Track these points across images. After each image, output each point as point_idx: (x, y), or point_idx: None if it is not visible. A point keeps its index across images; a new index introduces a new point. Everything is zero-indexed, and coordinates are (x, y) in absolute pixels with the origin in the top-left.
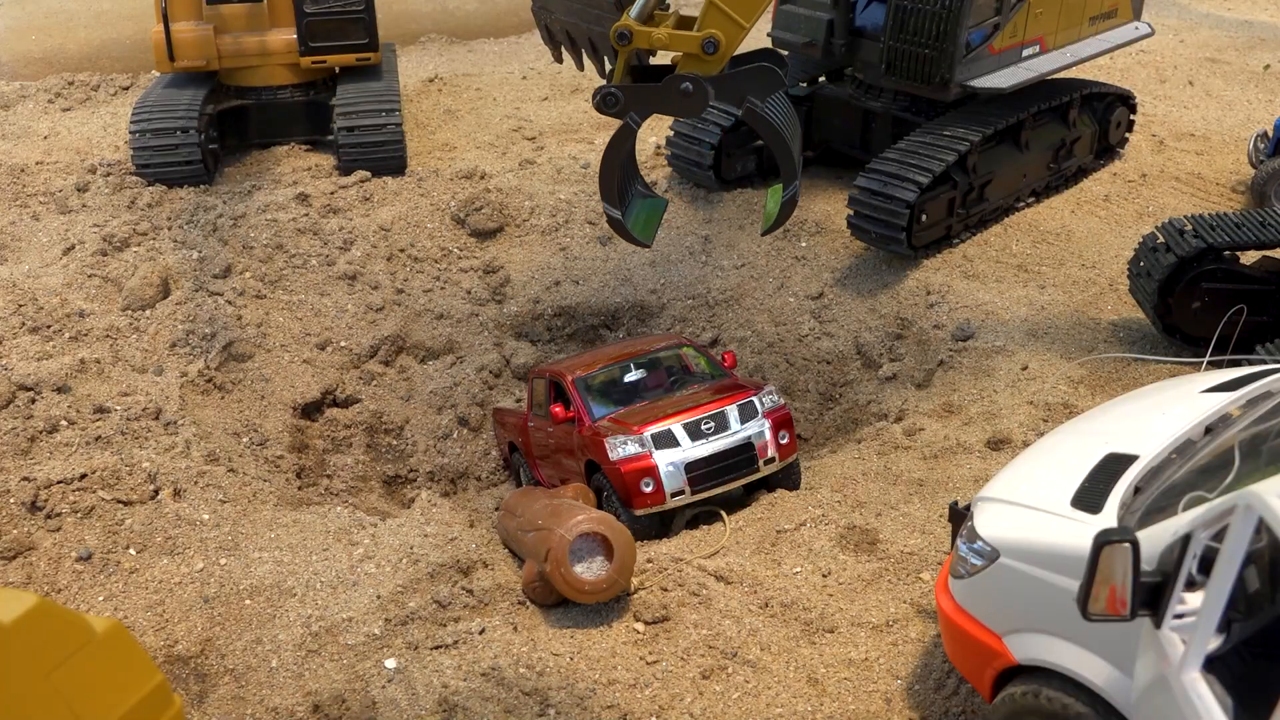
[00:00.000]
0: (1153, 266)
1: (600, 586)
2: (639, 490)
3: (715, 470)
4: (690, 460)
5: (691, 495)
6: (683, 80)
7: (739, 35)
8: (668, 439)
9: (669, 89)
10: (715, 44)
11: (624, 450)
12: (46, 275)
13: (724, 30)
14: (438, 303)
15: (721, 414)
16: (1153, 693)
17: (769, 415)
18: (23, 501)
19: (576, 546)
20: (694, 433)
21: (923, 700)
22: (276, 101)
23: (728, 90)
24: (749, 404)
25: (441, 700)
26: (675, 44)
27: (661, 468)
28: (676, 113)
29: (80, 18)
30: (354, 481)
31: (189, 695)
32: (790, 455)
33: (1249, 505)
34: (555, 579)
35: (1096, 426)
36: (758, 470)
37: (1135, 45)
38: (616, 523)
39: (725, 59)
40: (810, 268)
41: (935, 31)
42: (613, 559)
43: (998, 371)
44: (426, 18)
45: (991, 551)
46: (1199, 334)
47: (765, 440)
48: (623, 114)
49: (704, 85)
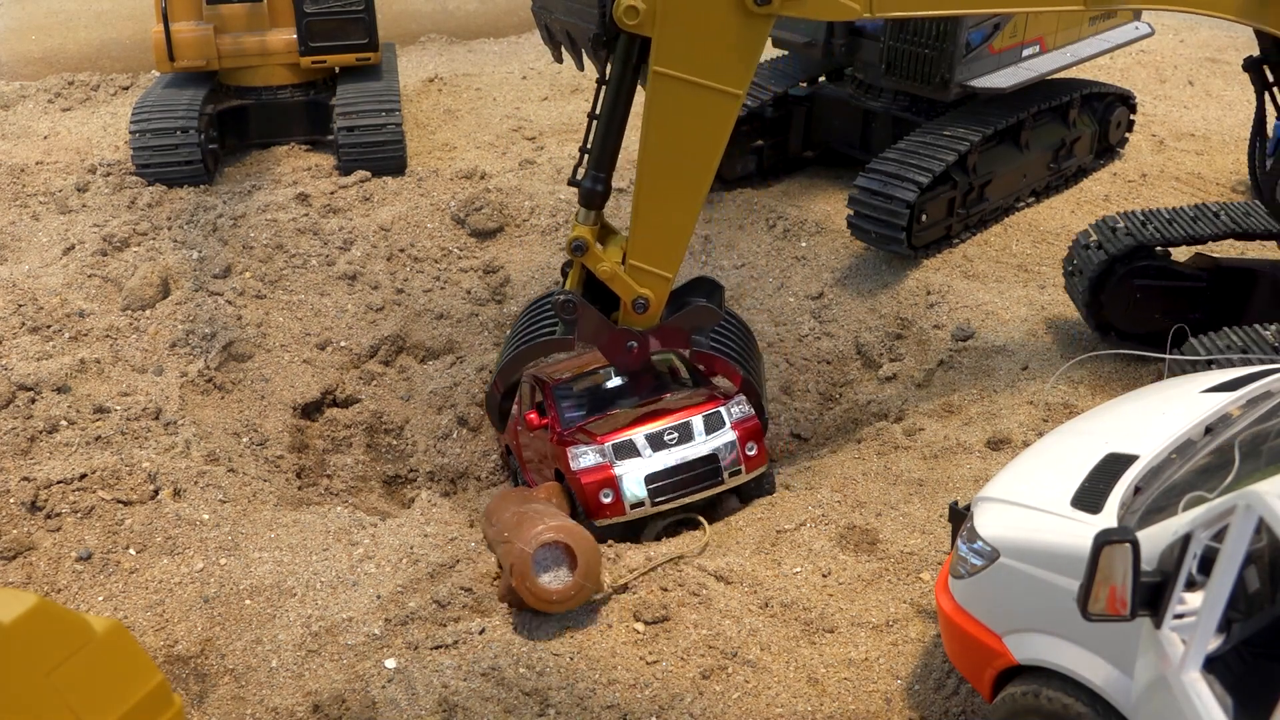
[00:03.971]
0: (1085, 264)
1: (568, 594)
2: (598, 501)
3: (677, 482)
4: (651, 471)
5: (652, 506)
6: (631, 337)
7: (666, 287)
8: (629, 449)
9: (618, 339)
10: (645, 304)
11: (584, 460)
12: (46, 275)
13: (652, 288)
14: (438, 303)
15: (686, 424)
16: (1153, 693)
17: (737, 426)
18: (23, 501)
19: (539, 558)
20: (656, 443)
21: (923, 700)
22: (276, 101)
23: (670, 337)
24: (715, 415)
25: (441, 700)
26: (615, 285)
27: (621, 478)
28: (612, 360)
29: (80, 18)
30: (354, 481)
31: (189, 695)
32: (758, 467)
33: (1249, 505)
34: (522, 593)
35: (1096, 426)
36: (723, 482)
37: (1135, 45)
38: (578, 529)
39: (658, 313)
40: (810, 268)
41: (935, 31)
42: (576, 566)
43: (998, 371)
44: (426, 18)
45: (991, 551)
46: (1132, 331)
47: (732, 452)
48: (570, 327)
49: (647, 342)
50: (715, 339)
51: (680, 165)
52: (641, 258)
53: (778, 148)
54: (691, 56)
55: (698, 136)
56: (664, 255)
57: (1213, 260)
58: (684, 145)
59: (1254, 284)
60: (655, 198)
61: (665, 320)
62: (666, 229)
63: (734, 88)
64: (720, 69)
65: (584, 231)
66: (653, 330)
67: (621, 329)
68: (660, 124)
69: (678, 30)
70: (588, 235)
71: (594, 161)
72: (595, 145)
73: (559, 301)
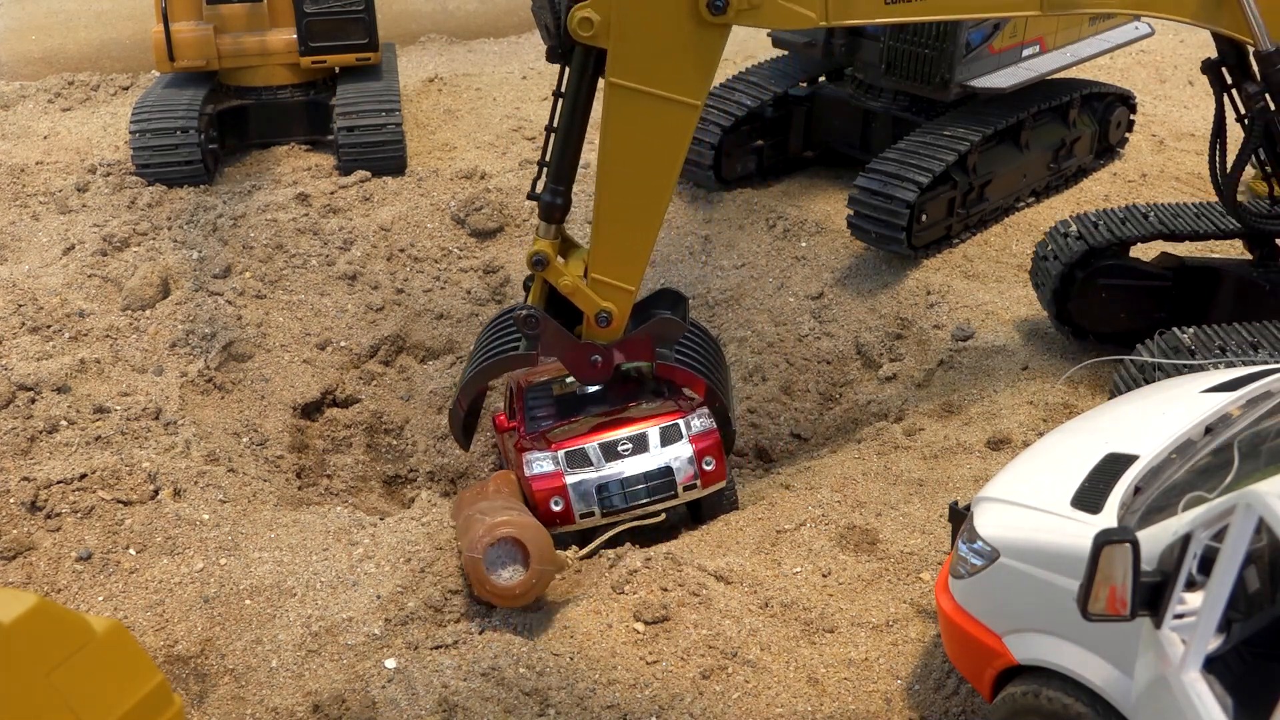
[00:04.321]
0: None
1: (530, 583)
2: (549, 508)
3: (629, 494)
4: (602, 482)
5: (602, 517)
6: (594, 351)
7: (629, 300)
8: (581, 459)
9: (582, 353)
10: (608, 318)
11: (537, 467)
12: (46, 275)
13: (614, 301)
14: (438, 303)
15: (642, 435)
16: (1153, 693)
17: (695, 440)
18: (23, 501)
19: (491, 559)
20: (610, 453)
21: (923, 700)
22: (276, 101)
23: (634, 350)
24: (673, 427)
25: (441, 700)
26: (577, 299)
27: (571, 488)
28: (577, 375)
29: (80, 18)
30: (354, 481)
31: (189, 695)
32: (715, 482)
33: (1249, 505)
34: (487, 598)
35: (1096, 426)
36: (676, 496)
37: (1135, 45)
38: (519, 519)
39: (621, 326)
40: (810, 268)
41: (935, 31)
42: (529, 555)
43: (998, 371)
44: (426, 18)
45: (991, 551)
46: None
47: (688, 466)
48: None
49: (611, 355)
50: (680, 351)
51: (639, 177)
52: (603, 271)
53: (778, 148)
54: (647, 68)
55: (656, 148)
56: (626, 268)
57: (1178, 259)
58: (642, 157)
59: (1218, 283)
60: (615, 210)
61: (629, 333)
62: (628, 242)
63: (691, 98)
64: (676, 79)
65: (544, 246)
66: (617, 344)
67: (585, 343)
68: (618, 136)
69: (632, 41)
70: (548, 249)
71: (552, 174)
72: (553, 158)
73: (520, 317)
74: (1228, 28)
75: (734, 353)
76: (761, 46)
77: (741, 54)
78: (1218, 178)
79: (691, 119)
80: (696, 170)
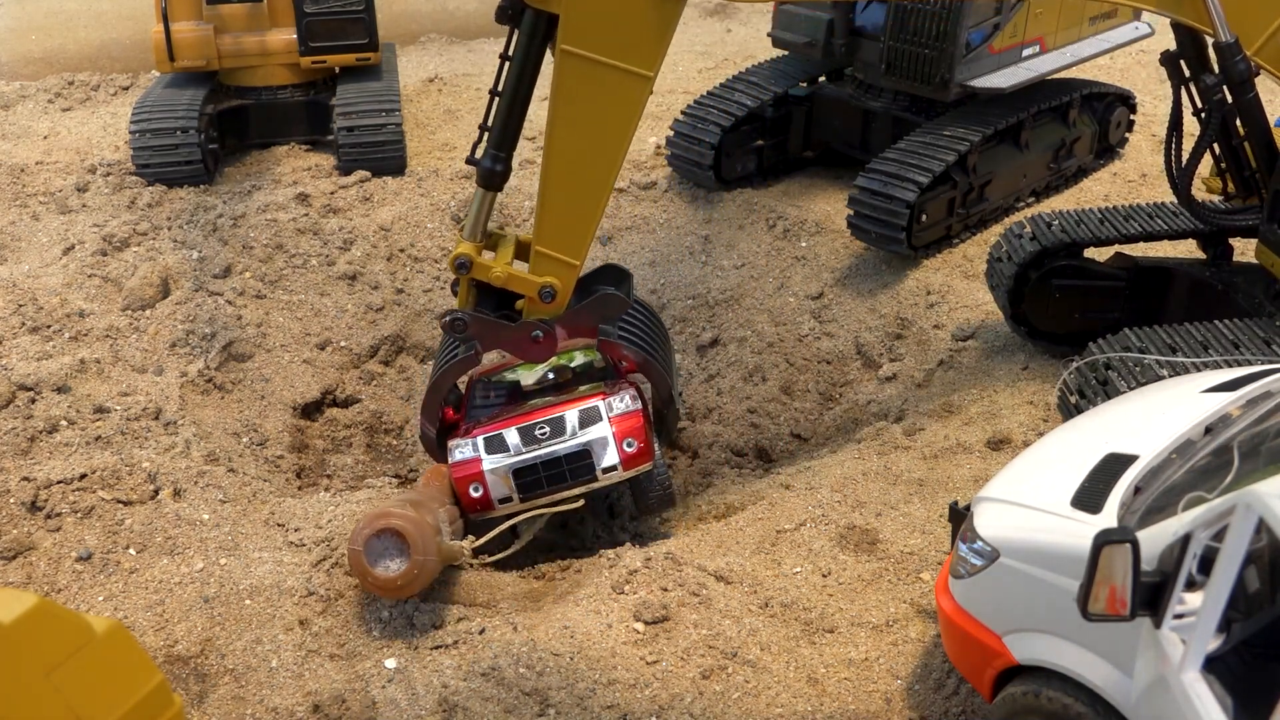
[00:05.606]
0: (999, 280)
1: (412, 573)
2: (469, 495)
3: (546, 477)
4: (519, 466)
5: (520, 502)
6: (534, 328)
7: (573, 275)
8: (499, 444)
9: (521, 334)
10: (552, 293)
11: (458, 454)
12: (46, 275)
13: (558, 275)
14: (438, 303)
15: (559, 419)
16: (1153, 693)
17: (616, 421)
18: (23, 501)
19: (372, 551)
20: (527, 438)
21: (923, 700)
22: (276, 101)
23: (577, 325)
24: (592, 409)
25: (441, 700)
26: (514, 285)
27: (488, 473)
28: (524, 357)
29: (80, 18)
30: (354, 481)
31: (189, 695)
32: (638, 464)
33: (1249, 505)
34: (369, 589)
35: (1096, 426)
36: (596, 479)
37: (1135, 45)
38: (396, 510)
39: (565, 301)
40: (810, 268)
41: (935, 31)
42: (410, 548)
43: (998, 371)
44: (426, 18)
45: (991, 551)
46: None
47: (606, 447)
48: (469, 340)
49: (553, 330)
50: (623, 328)
51: (587, 148)
52: (547, 244)
53: (778, 148)
54: (600, 35)
55: (606, 119)
56: (571, 242)
57: (1131, 260)
58: (591, 128)
59: (1172, 283)
60: (562, 182)
61: (572, 308)
62: (573, 214)
63: (643, 69)
64: (629, 49)
65: (467, 249)
66: (559, 319)
67: (523, 322)
68: (567, 105)
69: (586, 7)
70: (470, 252)
71: (494, 140)
72: (496, 123)
73: (446, 323)
74: (1188, 17)
75: (734, 353)
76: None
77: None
78: (1173, 172)
79: (643, 91)
80: (696, 170)
